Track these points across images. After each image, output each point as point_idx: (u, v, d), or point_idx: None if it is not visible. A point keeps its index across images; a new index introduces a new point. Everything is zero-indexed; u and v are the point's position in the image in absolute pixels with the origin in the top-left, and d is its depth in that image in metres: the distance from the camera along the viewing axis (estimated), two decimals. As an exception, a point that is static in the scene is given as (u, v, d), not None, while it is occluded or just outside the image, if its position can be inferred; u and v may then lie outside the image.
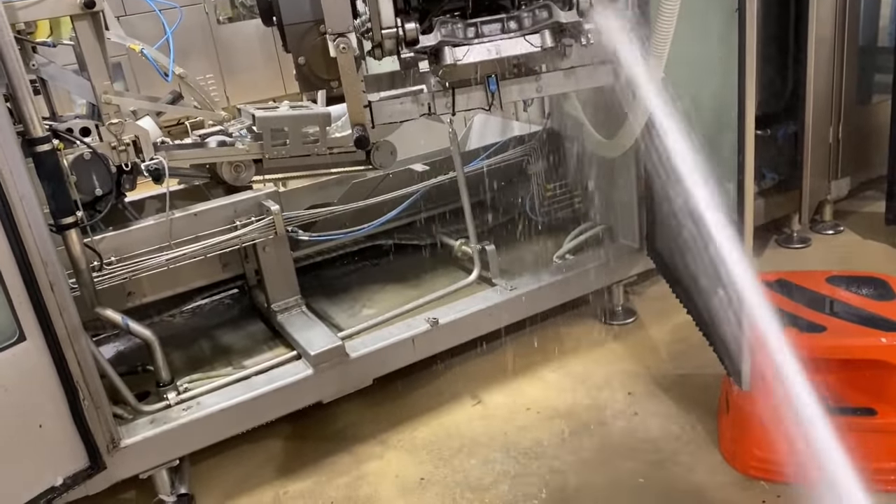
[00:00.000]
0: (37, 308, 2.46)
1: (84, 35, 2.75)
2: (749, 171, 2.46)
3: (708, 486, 2.79)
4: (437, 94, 2.68)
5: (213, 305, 3.86)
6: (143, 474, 2.87)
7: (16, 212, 2.35)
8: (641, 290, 4.13)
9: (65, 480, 2.61)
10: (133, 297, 3.39)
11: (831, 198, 4.61)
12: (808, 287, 2.98)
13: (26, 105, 2.44)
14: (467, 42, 2.45)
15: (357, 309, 3.69)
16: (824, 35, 4.11)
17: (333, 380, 3.17)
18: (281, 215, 3.22)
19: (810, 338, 2.66)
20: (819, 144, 4.30)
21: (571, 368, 3.59)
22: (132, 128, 2.91)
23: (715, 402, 3.15)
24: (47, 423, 2.55)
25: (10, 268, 2.37)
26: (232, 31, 8.15)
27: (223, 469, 3.18)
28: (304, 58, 2.41)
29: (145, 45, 3.05)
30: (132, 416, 2.93)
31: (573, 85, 2.83)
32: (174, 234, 3.05)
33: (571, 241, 3.91)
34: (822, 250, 4.47)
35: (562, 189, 4.08)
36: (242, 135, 3.30)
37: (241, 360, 3.33)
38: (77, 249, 2.74)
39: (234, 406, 2.97)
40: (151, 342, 3.03)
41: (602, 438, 3.09)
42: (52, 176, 2.57)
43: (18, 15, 2.59)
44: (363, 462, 3.14)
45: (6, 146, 2.30)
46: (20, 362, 2.44)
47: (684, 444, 3.01)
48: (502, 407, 3.37)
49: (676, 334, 3.70)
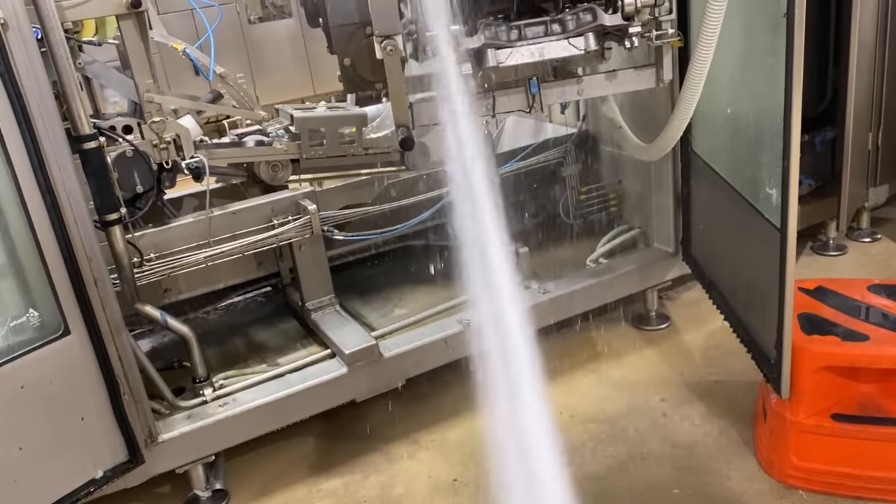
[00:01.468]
0: (81, 303, 2.50)
1: (129, 34, 2.79)
2: (794, 176, 2.43)
3: (744, 494, 2.76)
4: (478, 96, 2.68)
5: (246, 303, 3.90)
6: (179, 469, 2.90)
7: (63, 208, 2.39)
8: (676, 296, 4.10)
9: (105, 473, 2.65)
10: (169, 294, 3.43)
11: (869, 205, 4.54)
12: (849, 295, 2.94)
13: (75, 102, 2.48)
14: (510, 44, 2.45)
15: (389, 309, 3.70)
16: (866, 39, 4.05)
17: (367, 379, 3.18)
18: (318, 215, 3.24)
19: (853, 346, 2.63)
20: (858, 151, 4.23)
21: (605, 373, 3.57)
22: (173, 126, 2.95)
23: (750, 409, 3.12)
24: (89, 416, 2.58)
25: (56, 263, 2.41)
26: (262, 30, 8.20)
27: (257, 466, 3.20)
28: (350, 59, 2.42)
29: (188, 45, 3.08)
30: (169, 412, 2.96)
31: (614, 88, 2.82)
32: (212, 231, 3.08)
33: (605, 245, 3.89)
34: (859, 258, 4.41)
35: (596, 192, 4.06)
36: (280, 135, 3.32)
37: (276, 357, 3.35)
38: (120, 245, 2.78)
39: (270, 403, 2.99)
40: (189, 338, 3.06)
41: (636, 444, 3.07)
42: (98, 173, 2.61)
43: (66, 14, 2.63)
44: (395, 461, 3.15)
45: (56, 143, 2.34)
46: (65, 356, 2.48)
47: (719, 450, 2.99)
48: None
49: (711, 340, 3.67)
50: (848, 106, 4.05)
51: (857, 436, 2.63)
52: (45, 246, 2.38)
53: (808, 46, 3.98)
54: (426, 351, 3.31)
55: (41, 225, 2.36)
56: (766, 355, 2.81)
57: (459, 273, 2.13)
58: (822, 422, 2.67)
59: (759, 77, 2.65)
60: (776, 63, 2.42)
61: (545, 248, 4.03)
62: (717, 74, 2.80)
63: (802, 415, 2.68)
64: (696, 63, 2.59)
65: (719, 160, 3.19)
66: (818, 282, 3.07)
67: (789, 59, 2.31)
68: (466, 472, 3.03)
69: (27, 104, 2.26)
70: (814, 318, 2.81)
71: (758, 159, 2.76)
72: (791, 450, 2.73)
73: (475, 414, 3.36)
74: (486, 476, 2.97)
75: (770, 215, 2.65)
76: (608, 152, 4.06)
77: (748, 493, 2.77)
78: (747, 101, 2.84)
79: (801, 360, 2.62)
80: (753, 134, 2.79)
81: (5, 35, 2.18)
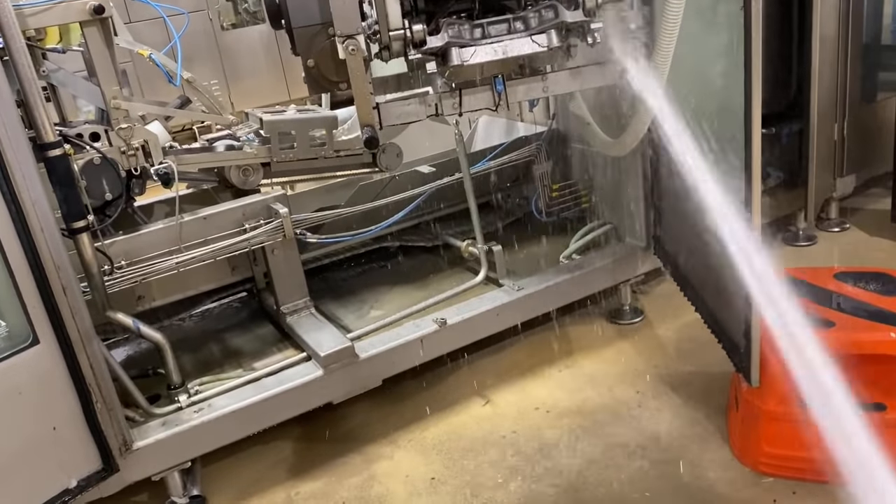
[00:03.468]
0: (50, 312, 2.48)
1: (93, 41, 2.78)
2: (756, 168, 2.47)
3: (718, 483, 2.80)
4: (444, 95, 2.69)
5: (221, 309, 3.89)
6: (155, 476, 2.88)
7: (29, 216, 2.37)
8: (649, 289, 4.14)
9: (79, 483, 2.62)
10: (143, 302, 3.41)
11: (837, 195, 4.62)
12: (816, 283, 2.99)
13: (38, 110, 2.47)
14: (474, 43, 2.47)
15: (365, 310, 3.71)
16: (828, 33, 4.12)
17: (343, 381, 3.19)
18: (289, 218, 3.24)
19: (819, 333, 2.66)
20: (824, 142, 4.31)
21: (580, 368, 3.60)
22: (141, 132, 2.94)
23: (723, 400, 3.16)
24: (61, 425, 2.57)
25: (23, 272, 2.39)
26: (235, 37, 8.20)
27: (235, 471, 3.19)
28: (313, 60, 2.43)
29: (153, 51, 3.07)
30: (144, 419, 2.95)
31: (579, 84, 2.84)
32: (184, 237, 3.07)
33: (578, 241, 3.92)
34: (829, 248, 4.48)
35: (568, 189, 4.10)
36: (250, 139, 3.32)
37: (251, 362, 3.35)
38: (88, 253, 2.76)
39: (245, 408, 2.98)
40: (162, 345, 3.05)
41: (611, 437, 3.10)
42: (64, 180, 2.60)
43: (28, 21, 2.61)
44: (374, 462, 3.15)
45: (19, 151, 2.32)
46: (34, 365, 2.46)
47: (693, 441, 3.02)
48: (511, 406, 3.38)
49: (684, 333, 3.71)
50: (812, 99, 4.12)
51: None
52: (10, 255, 2.36)
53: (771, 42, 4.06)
54: (402, 351, 3.32)
55: (6, 234, 2.34)
56: (735, 345, 2.85)
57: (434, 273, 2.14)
58: (792, 409, 2.70)
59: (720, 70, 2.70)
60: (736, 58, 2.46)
61: (519, 246, 4.06)
62: (680, 69, 2.84)
63: (772, 403, 2.72)
64: (658, 58, 2.63)
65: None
66: (786, 271, 3.11)
67: (748, 51, 2.35)
68: (444, 471, 3.04)
69: (-12, 113, 2.24)
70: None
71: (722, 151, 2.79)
72: (762, 437, 2.77)
73: (452, 412, 3.40)
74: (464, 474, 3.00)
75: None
76: (579, 149, 4.09)
77: (722, 481, 2.80)
78: (710, 95, 2.88)
79: (770, 348, 2.65)
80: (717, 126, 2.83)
81: (-36, 44, 2.17)
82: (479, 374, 3.62)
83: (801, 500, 2.66)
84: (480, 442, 3.17)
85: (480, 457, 3.09)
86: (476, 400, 3.46)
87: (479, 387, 3.53)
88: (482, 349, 3.71)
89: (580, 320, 3.94)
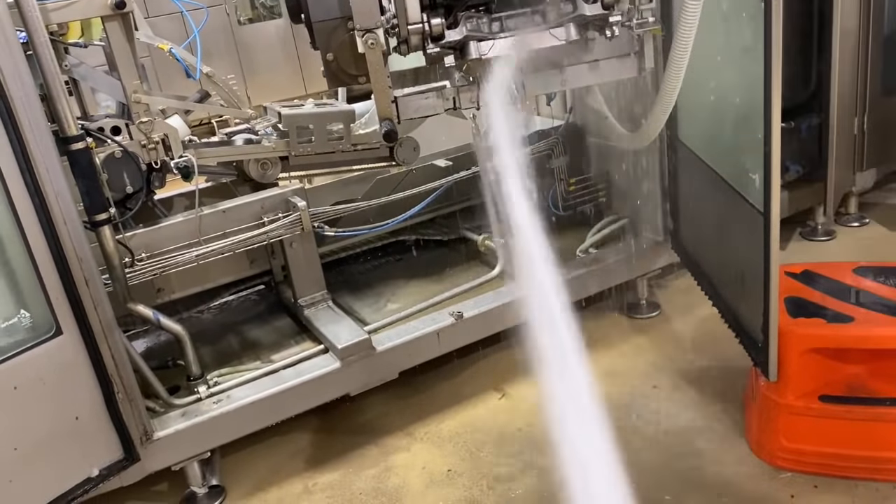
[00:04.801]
0: (72, 303, 2.52)
1: (114, 35, 2.81)
2: (775, 161, 2.45)
3: (735, 477, 2.79)
4: (462, 89, 2.70)
5: (240, 301, 3.91)
6: (175, 466, 2.92)
7: (52, 209, 2.41)
8: (665, 284, 4.12)
9: (100, 471, 2.67)
10: (162, 294, 3.44)
11: (856, 190, 4.57)
12: (835, 278, 2.97)
13: (61, 104, 2.50)
14: (492, 36, 2.47)
15: (382, 304, 3.72)
16: (849, 26, 4.08)
17: (360, 373, 3.21)
18: (307, 211, 3.26)
19: (838, 328, 2.66)
20: (844, 136, 4.26)
21: (596, 362, 3.59)
22: (161, 126, 2.97)
23: (740, 394, 3.15)
24: (83, 415, 2.61)
25: (46, 264, 2.43)
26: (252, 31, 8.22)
27: (253, 461, 3.22)
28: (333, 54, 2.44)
29: (173, 45, 3.09)
30: (164, 410, 2.98)
31: (597, 78, 2.84)
32: (203, 230, 3.10)
33: (594, 235, 3.92)
34: (848, 242, 4.44)
35: (584, 183, 4.09)
36: (268, 132, 3.35)
37: (269, 354, 3.37)
38: (110, 246, 2.79)
39: (264, 399, 3.02)
40: (182, 336, 3.08)
41: (628, 431, 3.10)
42: (86, 173, 2.63)
43: (51, 16, 2.64)
44: (390, 454, 3.17)
45: (43, 144, 2.35)
46: (57, 356, 2.50)
47: (710, 435, 3.02)
48: (527, 400, 3.39)
49: (701, 327, 3.70)
50: (832, 92, 4.08)
51: (844, 416, 2.66)
52: (34, 247, 2.40)
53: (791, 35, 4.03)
54: (418, 344, 3.33)
55: (30, 226, 2.38)
56: (753, 339, 2.84)
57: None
58: (811, 403, 2.70)
59: (740, 64, 2.68)
60: (756, 50, 2.45)
61: (535, 240, 4.04)
62: (699, 62, 2.82)
63: (791, 397, 2.71)
64: (677, 50, 2.61)
65: (704, 148, 3.22)
66: (804, 266, 3.09)
67: (768, 44, 2.34)
68: (461, 463, 3.06)
69: (13, 107, 2.28)
70: (800, 301, 2.84)
71: (741, 145, 2.78)
72: (780, 432, 2.76)
73: (468, 405, 3.41)
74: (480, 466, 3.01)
75: (754, 200, 2.67)
76: (595, 143, 4.08)
77: (739, 476, 2.80)
78: (730, 88, 2.87)
79: (788, 343, 2.64)
80: (736, 120, 2.81)
81: (-10, 38, 2.20)
82: (495, 368, 3.63)
83: (821, 494, 2.65)
84: (497, 434, 3.18)
85: (497, 449, 3.10)
86: (492, 393, 3.47)
87: (496, 380, 3.54)
88: (498, 343, 3.71)
89: (596, 315, 3.93)
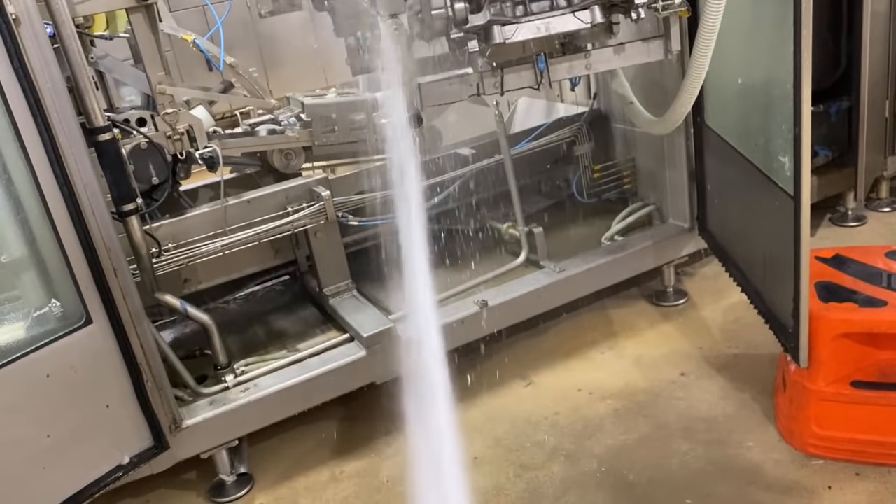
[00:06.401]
0: (102, 293, 2.54)
1: (139, 27, 2.82)
2: (806, 143, 2.41)
3: (765, 464, 2.76)
4: (486, 75, 2.68)
5: (265, 292, 3.94)
6: (204, 454, 2.95)
7: (81, 200, 2.43)
8: (693, 271, 4.08)
9: (131, 459, 2.70)
10: (189, 285, 3.47)
11: (887, 174, 4.48)
12: (866, 262, 2.92)
13: (89, 95, 2.52)
14: (516, 20, 2.45)
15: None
16: (880, 8, 4.00)
17: (385, 361, 3.20)
18: (332, 201, 3.26)
19: (871, 312, 2.61)
20: (875, 120, 4.18)
21: (622, 350, 3.57)
22: (186, 117, 2.98)
23: (769, 381, 3.11)
24: (114, 403, 2.64)
25: (76, 254, 2.46)
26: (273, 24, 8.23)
27: (280, 450, 3.24)
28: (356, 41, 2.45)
29: (197, 36, 3.11)
30: (192, 399, 3.01)
31: (622, 61, 2.81)
32: (228, 220, 3.12)
33: (620, 223, 3.89)
34: (879, 227, 4.36)
35: (610, 169, 4.05)
36: (292, 123, 3.35)
37: (295, 343, 3.39)
38: (138, 236, 2.82)
39: (290, 387, 3.03)
40: (209, 326, 3.10)
41: (656, 418, 3.08)
42: (114, 164, 2.66)
43: (77, 9, 2.66)
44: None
45: (71, 136, 2.38)
46: (88, 345, 2.53)
47: (739, 422, 2.98)
48: (553, 388, 3.38)
49: (729, 314, 3.66)
50: (862, 75, 4.00)
51: (878, 402, 2.62)
52: (64, 237, 2.42)
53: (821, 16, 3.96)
54: (443, 332, 3.31)
55: (60, 217, 2.40)
56: (783, 325, 2.80)
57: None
58: (842, 389, 2.66)
59: (768, 46, 2.63)
60: (785, 31, 2.40)
61: (560, 228, 4.03)
62: (726, 45, 2.78)
63: (822, 383, 2.67)
64: (704, 32, 2.58)
65: (732, 132, 3.17)
66: (835, 250, 3.04)
67: (797, 24, 2.29)
68: (487, 451, 3.05)
69: (42, 99, 2.30)
70: (831, 286, 2.80)
71: (770, 129, 2.74)
72: (811, 418, 2.72)
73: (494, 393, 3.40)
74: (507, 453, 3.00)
75: (784, 184, 2.63)
76: (621, 129, 4.05)
77: (768, 462, 2.76)
78: (758, 71, 2.82)
79: (819, 328, 2.60)
80: (765, 104, 2.77)
81: (18, 31, 2.22)
82: (520, 356, 3.62)
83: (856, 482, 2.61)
84: (523, 422, 3.18)
85: (523, 437, 3.09)
86: (518, 381, 3.46)
87: (521, 368, 3.53)
88: (524, 331, 3.70)
89: (623, 303, 3.90)
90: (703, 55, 2.65)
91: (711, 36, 2.59)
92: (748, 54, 2.90)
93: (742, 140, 3.07)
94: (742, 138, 3.07)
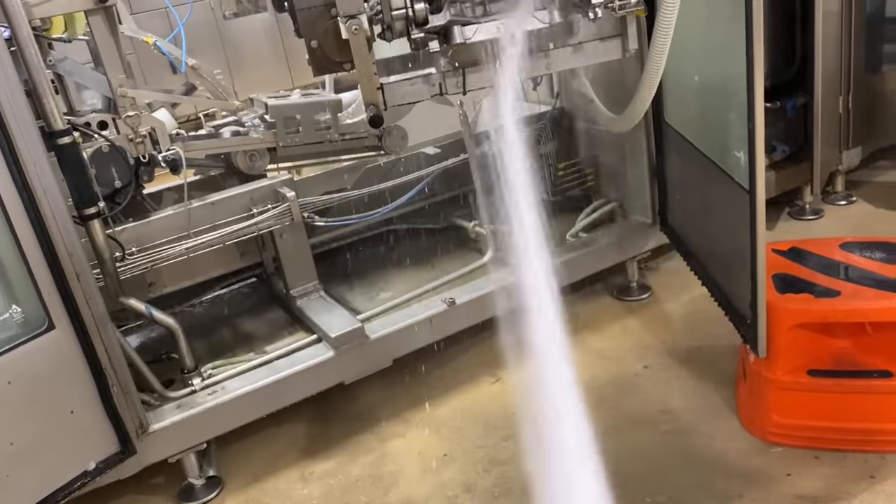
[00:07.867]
0: (64, 297, 2.52)
1: (98, 29, 2.80)
2: (759, 138, 2.47)
3: (727, 453, 2.82)
4: (448, 75, 2.70)
5: (231, 294, 3.92)
6: (172, 458, 2.94)
7: (41, 204, 2.41)
8: (656, 266, 4.15)
9: (97, 465, 2.68)
10: (154, 288, 3.44)
11: (843, 168, 4.60)
12: (822, 254, 3.00)
13: (47, 99, 2.50)
14: (476, 20, 2.47)
15: (374, 292, 3.74)
16: (832, 7, 4.10)
17: (354, 361, 3.22)
18: (297, 202, 3.27)
19: (825, 302, 2.69)
20: (829, 115, 4.29)
21: (587, 344, 3.62)
22: (148, 120, 2.96)
23: (731, 372, 3.18)
24: (78, 409, 2.61)
25: (37, 258, 2.44)
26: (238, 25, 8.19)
27: (250, 452, 3.24)
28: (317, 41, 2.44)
29: (158, 38, 3.09)
30: (159, 403, 2.99)
31: (582, 60, 2.83)
32: (193, 223, 3.10)
33: (584, 219, 3.94)
34: (835, 221, 4.48)
35: (573, 168, 4.10)
36: (256, 124, 3.35)
37: (263, 345, 3.38)
38: (100, 240, 2.80)
39: (258, 389, 3.03)
40: (175, 330, 3.09)
41: (620, 411, 3.13)
42: (74, 167, 2.63)
43: (34, 11, 2.63)
44: (386, 441, 3.19)
45: (29, 140, 2.36)
46: (50, 350, 2.51)
47: (702, 413, 3.05)
48: (521, 384, 3.41)
49: (691, 307, 3.73)
50: (816, 71, 4.10)
51: (833, 390, 2.70)
52: (24, 242, 2.40)
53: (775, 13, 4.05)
54: (412, 331, 3.35)
55: (19, 221, 2.38)
56: (742, 316, 2.86)
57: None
58: (800, 378, 2.73)
59: (723, 43, 2.69)
60: (738, 28, 2.46)
61: (525, 226, 4.06)
62: (683, 43, 2.83)
63: (780, 372, 2.74)
64: (660, 30, 2.62)
65: (690, 129, 3.24)
66: (791, 243, 3.12)
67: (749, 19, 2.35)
68: (456, 447, 3.08)
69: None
70: (788, 277, 2.87)
71: (726, 125, 2.80)
72: (770, 407, 2.80)
73: (462, 390, 3.43)
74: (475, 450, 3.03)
75: (740, 179, 2.70)
76: (583, 128, 4.10)
77: (731, 451, 2.83)
78: (714, 68, 2.89)
79: (776, 319, 2.67)
80: (721, 100, 2.83)
81: (-28, 34, 2.20)
82: (488, 353, 3.64)
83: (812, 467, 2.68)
84: (491, 418, 3.21)
85: (492, 433, 3.12)
86: (486, 378, 3.49)
87: (489, 365, 3.56)
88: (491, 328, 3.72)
89: (587, 298, 3.96)
90: (660, 53, 2.70)
91: (667, 34, 2.63)
92: (704, 51, 2.96)
93: (700, 136, 3.14)
94: (700, 135, 3.14)
